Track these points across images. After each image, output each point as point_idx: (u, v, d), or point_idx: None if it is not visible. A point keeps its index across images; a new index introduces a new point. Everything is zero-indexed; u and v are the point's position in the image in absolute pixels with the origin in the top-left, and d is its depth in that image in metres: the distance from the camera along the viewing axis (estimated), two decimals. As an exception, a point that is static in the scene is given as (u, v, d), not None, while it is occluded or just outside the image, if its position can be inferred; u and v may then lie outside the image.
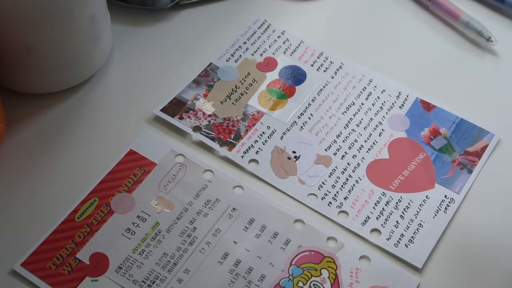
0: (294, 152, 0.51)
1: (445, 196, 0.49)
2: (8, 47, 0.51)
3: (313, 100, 0.55)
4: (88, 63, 0.56)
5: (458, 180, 0.50)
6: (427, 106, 0.55)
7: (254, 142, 0.51)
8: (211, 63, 0.57)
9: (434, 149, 0.52)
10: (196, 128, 0.52)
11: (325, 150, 0.51)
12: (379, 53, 0.59)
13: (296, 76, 0.56)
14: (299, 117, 0.53)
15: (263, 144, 0.52)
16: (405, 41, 0.60)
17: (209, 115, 0.53)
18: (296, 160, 0.51)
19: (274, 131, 0.52)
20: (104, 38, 0.56)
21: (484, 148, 0.52)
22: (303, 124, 0.53)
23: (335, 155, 0.51)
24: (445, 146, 0.52)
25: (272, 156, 0.51)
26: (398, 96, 0.55)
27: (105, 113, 0.54)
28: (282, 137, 0.52)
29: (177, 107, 0.53)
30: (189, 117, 0.53)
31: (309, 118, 0.53)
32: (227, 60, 0.57)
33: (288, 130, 0.53)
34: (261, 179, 0.49)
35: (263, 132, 0.52)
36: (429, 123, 0.54)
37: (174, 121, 0.52)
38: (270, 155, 0.51)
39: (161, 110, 0.53)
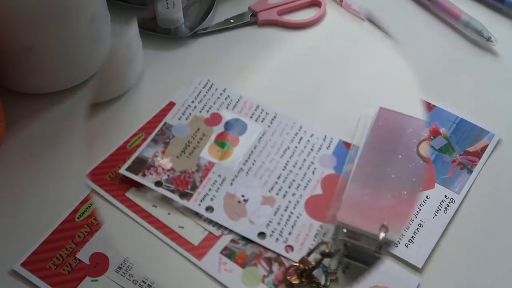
0: (243, 196, 0.54)
1: (445, 196, 0.50)
2: (9, 47, 0.53)
3: (255, 147, 0.58)
4: (88, 63, 0.58)
5: (458, 180, 0.51)
6: (428, 106, 0.56)
7: (208, 190, 0.54)
8: (165, 123, 0.59)
9: (434, 149, 0.53)
10: (158, 183, 0.54)
11: (269, 191, 0.54)
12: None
13: (238, 128, 0.59)
14: (244, 164, 0.56)
15: (216, 191, 0.54)
16: (405, 41, 0.61)
17: (168, 170, 0.56)
18: (245, 203, 0.53)
19: (224, 178, 0.55)
20: (137, 61, 0.61)
21: (484, 148, 0.53)
22: (248, 170, 0.56)
23: (277, 195, 0.54)
24: (445, 146, 0.53)
25: (225, 202, 0.53)
26: (324, 139, 0.58)
27: (137, 120, 0.58)
28: (231, 183, 0.54)
29: (139, 165, 0.56)
30: (150, 173, 0.55)
31: (253, 164, 0.56)
32: (179, 119, 0.60)
33: (236, 177, 0.55)
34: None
35: (215, 181, 0.54)
36: (429, 123, 0.55)
37: (138, 178, 0.54)
38: (223, 201, 0.53)
39: (126, 170, 0.55)
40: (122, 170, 0.55)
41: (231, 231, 0.52)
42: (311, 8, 0.73)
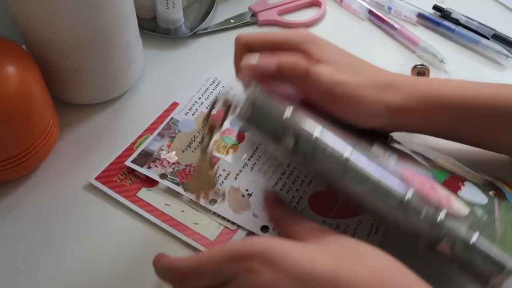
0: (247, 190, 0.54)
1: (375, 220, 0.52)
2: (62, 68, 0.59)
3: (260, 144, 0.58)
4: (124, 80, 0.63)
5: None
6: None
7: None
8: (172, 118, 0.60)
9: None
10: (163, 176, 0.55)
11: (273, 186, 0.55)
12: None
13: None
14: (249, 159, 0.57)
15: (221, 185, 0.54)
16: (376, 62, 0.58)
17: (173, 163, 0.56)
18: (249, 197, 0.54)
19: (229, 173, 0.55)
20: (137, 61, 0.64)
21: None
22: (253, 165, 0.56)
23: (281, 190, 0.54)
24: None
25: (229, 195, 0.54)
26: None
27: (137, 119, 0.61)
28: (236, 177, 0.55)
29: (145, 158, 0.57)
30: (156, 166, 0.56)
31: (257, 159, 0.57)
32: (185, 114, 0.60)
33: (241, 171, 0.56)
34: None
35: (220, 175, 0.55)
36: None
37: (144, 170, 0.55)
38: (227, 194, 0.54)
39: (132, 162, 0.56)
40: (128, 162, 0.56)
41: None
42: (311, 8, 0.74)
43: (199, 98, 0.63)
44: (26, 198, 0.56)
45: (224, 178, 0.55)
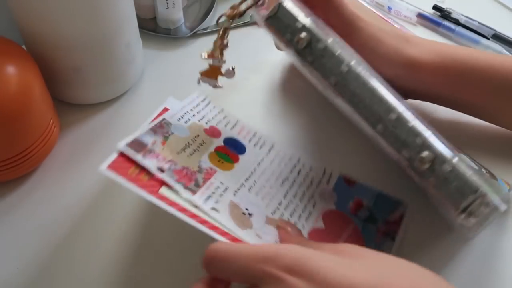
0: (247, 209, 0.51)
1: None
2: (62, 67, 0.59)
3: (254, 169, 0.55)
4: (124, 80, 0.64)
5: (384, 247, 0.51)
6: (349, 182, 0.56)
7: (212, 193, 0.50)
8: (164, 119, 0.55)
9: (360, 220, 0.53)
10: (160, 169, 0.49)
11: (272, 213, 0.52)
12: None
13: (238, 147, 0.57)
14: (246, 181, 0.54)
15: (220, 196, 0.50)
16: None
17: (169, 160, 0.51)
18: (250, 216, 0.50)
19: (227, 187, 0.52)
20: (137, 60, 0.64)
21: (401, 217, 0.54)
22: (250, 188, 0.53)
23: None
24: (369, 216, 0.54)
25: (230, 209, 0.50)
26: (323, 173, 0.57)
27: (136, 119, 0.59)
28: (235, 194, 0.51)
29: (139, 147, 0.50)
30: (151, 158, 0.50)
31: (254, 183, 0.54)
32: (178, 120, 0.56)
33: (239, 189, 0.52)
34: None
35: (218, 187, 0.51)
36: (353, 196, 0.55)
37: (139, 158, 0.49)
38: (228, 208, 0.50)
39: (126, 145, 0.49)
40: (121, 146, 0.48)
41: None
42: (311, 8, 0.74)
43: (191, 109, 0.59)
44: (26, 198, 0.56)
45: (223, 191, 0.51)
